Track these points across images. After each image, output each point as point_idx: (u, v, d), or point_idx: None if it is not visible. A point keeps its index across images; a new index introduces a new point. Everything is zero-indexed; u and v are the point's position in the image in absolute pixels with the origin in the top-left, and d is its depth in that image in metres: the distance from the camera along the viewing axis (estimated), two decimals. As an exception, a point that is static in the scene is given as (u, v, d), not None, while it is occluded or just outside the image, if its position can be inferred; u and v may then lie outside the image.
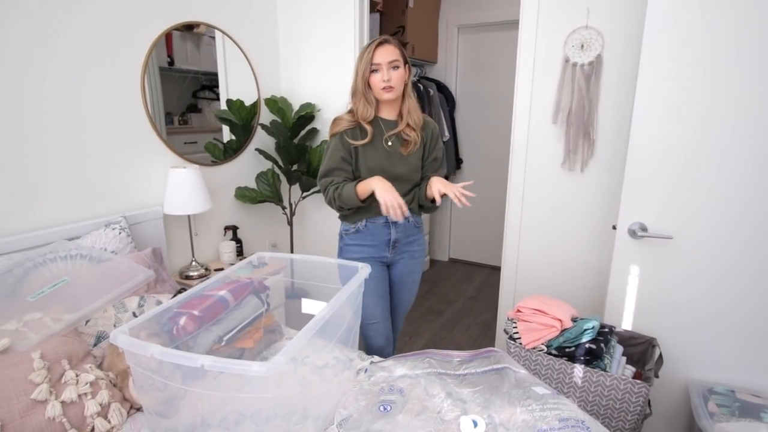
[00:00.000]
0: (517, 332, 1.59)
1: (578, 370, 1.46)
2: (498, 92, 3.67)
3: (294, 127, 2.52)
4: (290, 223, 2.72)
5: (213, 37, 2.35)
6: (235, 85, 2.48)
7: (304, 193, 2.66)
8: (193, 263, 2.22)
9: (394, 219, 1.50)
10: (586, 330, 1.49)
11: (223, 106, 2.42)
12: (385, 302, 1.75)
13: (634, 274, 1.63)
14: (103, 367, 1.31)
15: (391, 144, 1.65)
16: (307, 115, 2.52)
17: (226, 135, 2.50)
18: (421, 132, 1.67)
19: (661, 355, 1.53)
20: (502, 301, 2.33)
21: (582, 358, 1.47)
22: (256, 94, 2.59)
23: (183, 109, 2.26)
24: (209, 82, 2.37)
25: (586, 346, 1.47)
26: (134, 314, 1.48)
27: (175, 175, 2.02)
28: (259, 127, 2.60)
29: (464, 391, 1.23)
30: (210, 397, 1.09)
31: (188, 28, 2.21)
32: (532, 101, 2.06)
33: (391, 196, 1.47)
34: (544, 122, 2.05)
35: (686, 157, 1.48)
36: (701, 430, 1.37)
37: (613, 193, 1.91)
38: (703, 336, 1.57)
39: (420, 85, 3.44)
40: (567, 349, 1.49)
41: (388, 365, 1.39)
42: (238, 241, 2.47)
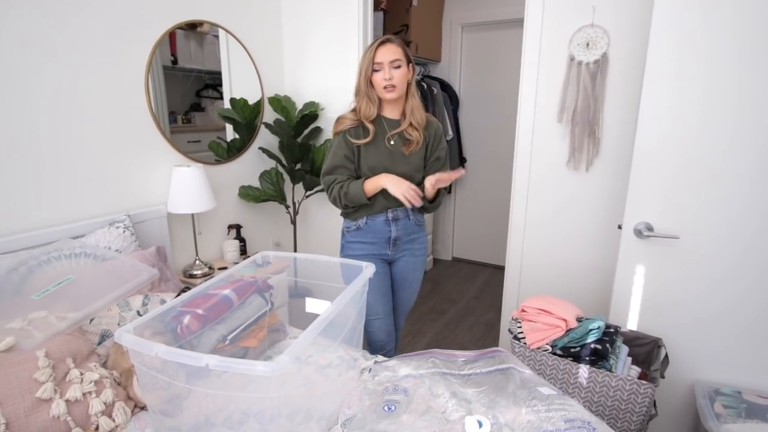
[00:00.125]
0: (522, 332, 1.58)
1: (583, 371, 1.45)
2: (502, 91, 3.65)
3: (297, 126, 2.52)
4: (293, 222, 2.72)
5: (216, 36, 2.35)
6: (239, 83, 2.48)
7: (308, 192, 2.66)
8: (197, 262, 2.22)
9: (417, 205, 1.56)
10: (591, 330, 1.49)
11: (227, 105, 2.42)
12: (386, 299, 1.78)
13: (640, 274, 1.62)
14: (108, 366, 1.31)
15: (394, 143, 1.65)
16: (311, 113, 2.52)
17: (230, 134, 2.50)
18: (423, 131, 1.68)
19: (666, 355, 1.52)
20: (506, 301, 2.32)
21: (587, 359, 1.46)
22: (259, 92, 2.58)
23: (186, 108, 2.26)
24: (213, 81, 2.37)
25: (592, 346, 1.46)
26: (138, 313, 1.48)
27: (179, 174, 2.02)
28: (263, 126, 2.60)
29: (469, 391, 1.22)
30: (214, 397, 1.09)
31: (192, 26, 2.21)
32: (537, 100, 2.05)
33: (406, 189, 1.54)
34: (549, 121, 2.04)
35: (693, 156, 1.47)
36: (707, 432, 1.36)
37: (619, 192, 1.90)
38: (709, 336, 1.56)
39: (423, 84, 3.43)
40: (572, 350, 1.49)
41: (393, 365, 1.39)
42: (242, 240, 2.47)
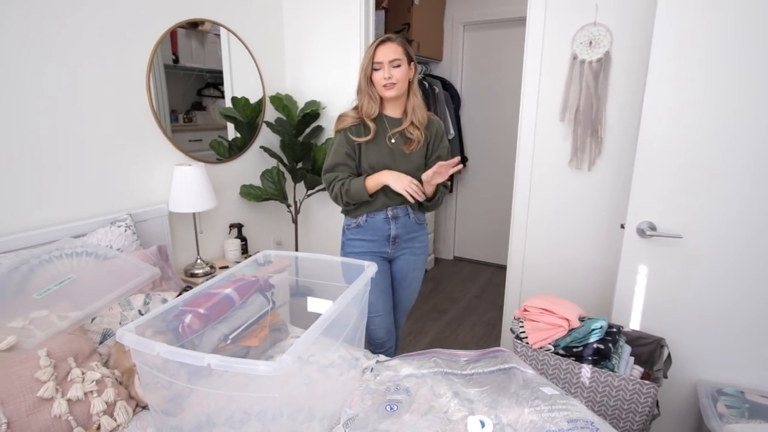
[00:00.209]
0: (524, 332, 1.58)
1: (586, 371, 1.45)
2: (504, 90, 3.64)
3: (299, 124, 2.51)
4: (295, 221, 2.72)
5: (218, 35, 2.34)
6: (240, 82, 2.47)
7: (309, 191, 2.65)
8: (199, 261, 2.22)
9: (420, 199, 1.61)
10: (594, 330, 1.48)
11: (228, 104, 2.42)
12: (387, 296, 1.79)
13: (643, 274, 1.62)
14: (109, 365, 1.31)
15: (394, 141, 1.65)
16: (312, 112, 2.52)
17: (231, 133, 2.49)
18: (425, 130, 1.68)
19: (669, 355, 1.51)
20: (508, 300, 2.32)
21: (590, 358, 1.46)
22: (261, 91, 2.58)
23: (188, 106, 2.26)
24: (214, 80, 2.37)
25: (594, 346, 1.45)
26: (140, 312, 1.48)
27: (181, 173, 2.02)
28: (264, 125, 2.59)
29: (471, 391, 1.22)
30: (216, 396, 1.09)
31: (193, 25, 2.20)
32: (539, 99, 2.05)
33: (408, 184, 1.57)
34: (552, 120, 2.03)
35: (693, 156, 1.46)
36: (710, 432, 1.35)
37: (621, 191, 1.89)
38: (712, 336, 1.56)
39: (425, 83, 3.43)
40: (574, 349, 1.48)
41: (394, 364, 1.38)
42: (243, 239, 2.47)
